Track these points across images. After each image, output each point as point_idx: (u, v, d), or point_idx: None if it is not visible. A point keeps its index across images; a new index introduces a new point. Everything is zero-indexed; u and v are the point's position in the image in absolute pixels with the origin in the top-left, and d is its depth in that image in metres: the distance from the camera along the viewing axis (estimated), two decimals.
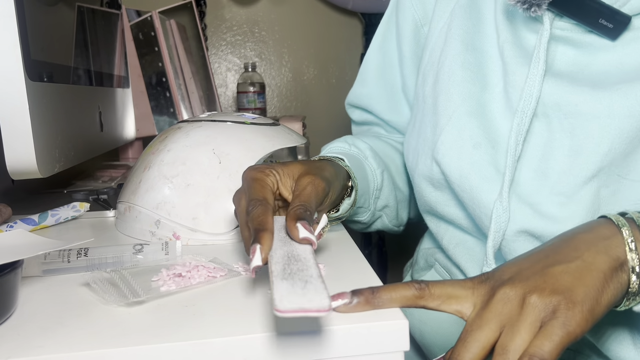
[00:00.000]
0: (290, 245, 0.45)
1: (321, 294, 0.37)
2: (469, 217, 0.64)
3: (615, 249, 0.44)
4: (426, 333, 0.71)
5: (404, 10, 0.75)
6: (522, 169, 0.58)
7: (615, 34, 0.54)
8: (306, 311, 0.36)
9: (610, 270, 0.43)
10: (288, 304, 0.36)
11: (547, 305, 0.41)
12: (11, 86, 0.60)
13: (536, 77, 0.57)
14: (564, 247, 0.45)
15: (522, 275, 0.43)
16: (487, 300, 0.42)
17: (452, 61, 0.65)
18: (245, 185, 0.51)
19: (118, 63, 1.07)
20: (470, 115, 0.62)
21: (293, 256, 0.43)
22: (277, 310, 0.35)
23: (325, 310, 0.36)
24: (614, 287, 0.43)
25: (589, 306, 0.41)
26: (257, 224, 0.45)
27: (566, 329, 0.40)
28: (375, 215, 0.74)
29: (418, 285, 0.43)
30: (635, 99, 0.52)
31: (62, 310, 0.45)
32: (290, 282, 0.39)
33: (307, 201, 0.49)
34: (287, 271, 0.40)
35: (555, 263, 0.44)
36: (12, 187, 0.85)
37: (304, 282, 0.39)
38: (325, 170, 0.56)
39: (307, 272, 0.40)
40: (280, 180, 0.53)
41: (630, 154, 0.53)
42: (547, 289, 0.41)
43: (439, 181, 0.65)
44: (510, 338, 0.40)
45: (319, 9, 1.72)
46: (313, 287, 0.38)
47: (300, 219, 0.46)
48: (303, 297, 0.37)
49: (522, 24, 0.60)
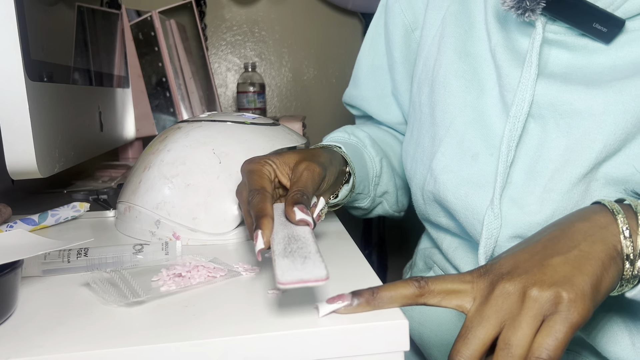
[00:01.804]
0: (290, 228, 0.48)
1: (319, 266, 0.40)
2: (460, 227, 0.64)
3: (612, 238, 0.45)
4: (425, 335, 0.71)
5: (393, 16, 0.75)
6: (515, 171, 0.58)
7: (609, 37, 0.54)
8: (305, 282, 0.39)
9: (608, 258, 0.44)
10: (289, 277, 0.39)
11: (548, 298, 0.41)
12: (11, 86, 0.60)
13: (528, 80, 0.56)
14: (560, 238, 0.46)
15: (520, 268, 0.43)
16: (487, 295, 0.42)
17: (446, 70, 0.65)
18: (245, 178, 0.53)
19: (118, 63, 1.07)
20: (467, 125, 0.62)
21: (293, 237, 0.46)
22: (279, 283, 0.39)
23: (322, 279, 0.39)
24: (612, 274, 0.44)
25: (589, 295, 0.41)
26: (257, 211, 0.47)
27: (569, 322, 0.40)
28: (376, 202, 0.75)
29: (417, 283, 0.43)
30: (629, 95, 0.52)
31: (62, 310, 0.45)
32: (290, 259, 0.42)
33: (304, 186, 0.51)
34: (287, 250, 0.43)
35: (553, 254, 0.44)
36: (12, 187, 0.85)
37: (303, 257, 0.42)
38: (320, 156, 0.58)
39: (306, 249, 0.43)
40: (278, 168, 0.54)
41: (621, 148, 0.53)
42: (547, 281, 0.41)
43: (432, 193, 0.65)
44: (512, 333, 0.40)
45: (319, 9, 1.72)
46: (311, 262, 0.41)
47: (298, 203, 0.48)
48: (302, 271, 0.40)
49: (514, 28, 0.60)
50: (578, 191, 0.55)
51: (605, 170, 0.54)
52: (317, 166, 0.54)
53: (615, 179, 0.54)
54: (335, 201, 0.64)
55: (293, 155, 0.56)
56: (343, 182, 0.64)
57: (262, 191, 0.50)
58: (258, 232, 0.45)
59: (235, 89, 1.70)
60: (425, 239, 0.79)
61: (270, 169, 0.54)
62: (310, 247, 0.43)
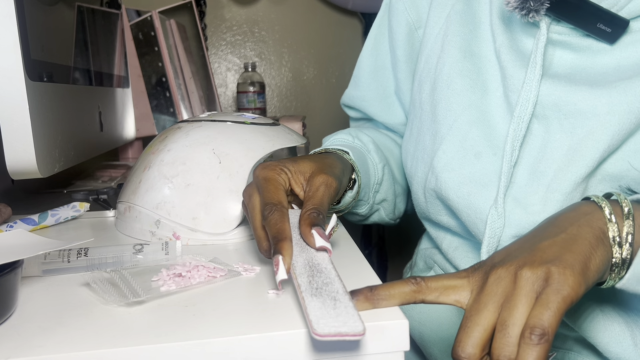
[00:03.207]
0: (308, 251, 0.46)
1: (354, 317, 0.38)
2: (462, 225, 0.64)
3: (597, 222, 0.46)
4: (425, 335, 0.71)
5: (397, 15, 0.75)
6: (519, 171, 0.58)
7: (614, 37, 0.54)
8: (343, 336, 0.37)
9: (594, 239, 0.44)
10: (325, 327, 0.37)
11: (539, 275, 0.41)
12: (11, 86, 0.60)
13: (533, 81, 0.57)
14: (548, 227, 0.47)
15: (511, 255, 0.44)
16: (482, 284, 0.43)
17: (450, 69, 0.65)
18: (258, 184, 0.52)
19: (118, 63, 1.07)
20: (471, 124, 0.62)
21: (314, 266, 0.45)
22: (316, 334, 0.37)
23: (360, 334, 0.37)
24: (600, 254, 0.44)
25: (579, 269, 0.42)
26: (275, 232, 0.46)
27: (561, 294, 0.40)
28: (373, 209, 0.75)
29: (415, 281, 0.44)
30: (634, 95, 0.52)
31: (62, 310, 0.45)
32: (320, 300, 0.40)
33: (320, 204, 0.50)
34: (313, 285, 0.42)
35: (542, 239, 0.45)
36: (12, 187, 0.85)
37: (332, 299, 0.40)
38: (336, 167, 0.57)
39: (332, 286, 0.42)
40: (292, 177, 0.53)
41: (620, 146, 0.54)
42: (537, 260, 0.42)
43: (434, 190, 0.65)
44: (508, 313, 0.40)
45: (319, 9, 1.72)
46: (344, 307, 0.39)
47: (314, 224, 0.47)
48: (337, 320, 0.38)
49: (519, 29, 0.60)
50: (580, 190, 0.55)
51: (602, 166, 0.55)
52: (334, 180, 0.53)
53: (610, 175, 0.54)
54: (337, 207, 0.64)
55: (309, 164, 0.55)
56: (347, 189, 0.64)
57: (279, 208, 0.48)
58: (279, 257, 0.44)
59: (235, 89, 1.70)
60: (425, 239, 0.79)
61: (286, 177, 0.53)
62: (336, 284, 0.42)
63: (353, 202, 0.65)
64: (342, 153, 0.64)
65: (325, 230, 0.49)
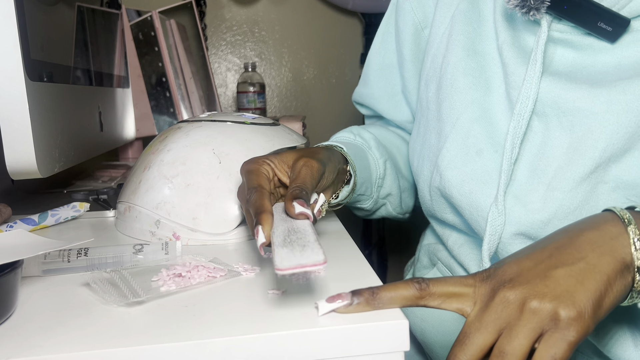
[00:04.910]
0: (290, 222, 0.48)
1: (317, 252, 0.40)
2: (466, 223, 0.64)
3: (621, 250, 0.44)
4: (427, 331, 0.71)
5: (403, 14, 0.75)
6: (519, 169, 0.58)
7: (615, 36, 0.54)
8: (303, 266, 0.39)
9: (614, 273, 0.43)
10: (287, 263, 0.39)
11: (548, 313, 0.40)
12: (11, 86, 0.60)
13: (533, 79, 0.57)
14: (567, 247, 0.44)
15: (523, 276, 0.42)
16: (487, 301, 0.42)
17: (454, 68, 0.65)
18: (243, 179, 0.54)
19: (118, 63, 1.07)
20: (473, 122, 0.62)
21: (293, 229, 0.46)
22: (278, 269, 0.39)
23: (320, 264, 0.39)
24: (617, 290, 0.43)
25: (590, 312, 0.40)
26: (255, 208, 0.48)
27: (567, 342, 0.39)
28: (379, 203, 0.75)
29: (418, 285, 0.43)
30: (633, 95, 0.52)
31: (62, 310, 0.45)
32: (289, 248, 0.42)
33: (302, 182, 0.51)
34: (287, 240, 0.44)
35: (558, 265, 0.43)
36: (12, 187, 0.85)
37: (302, 246, 0.42)
38: (319, 153, 0.58)
39: (305, 239, 0.44)
40: (276, 167, 0.55)
41: (629, 150, 0.53)
42: (548, 294, 0.41)
43: (438, 189, 0.65)
44: (508, 342, 0.40)
45: (319, 9, 1.72)
46: (310, 248, 0.41)
47: (297, 198, 0.48)
48: (301, 257, 0.40)
49: (521, 26, 0.60)
50: (582, 191, 0.55)
51: (615, 174, 0.54)
52: (316, 162, 0.54)
53: (625, 182, 0.53)
54: (336, 201, 0.64)
55: (291, 153, 0.56)
56: (344, 182, 0.65)
57: (259, 188, 0.50)
58: (258, 227, 0.46)
59: (235, 89, 1.70)
60: (429, 234, 0.79)
61: (269, 168, 0.54)
62: (310, 237, 0.44)
63: (351, 195, 0.66)
64: (335, 147, 0.65)
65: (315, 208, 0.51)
